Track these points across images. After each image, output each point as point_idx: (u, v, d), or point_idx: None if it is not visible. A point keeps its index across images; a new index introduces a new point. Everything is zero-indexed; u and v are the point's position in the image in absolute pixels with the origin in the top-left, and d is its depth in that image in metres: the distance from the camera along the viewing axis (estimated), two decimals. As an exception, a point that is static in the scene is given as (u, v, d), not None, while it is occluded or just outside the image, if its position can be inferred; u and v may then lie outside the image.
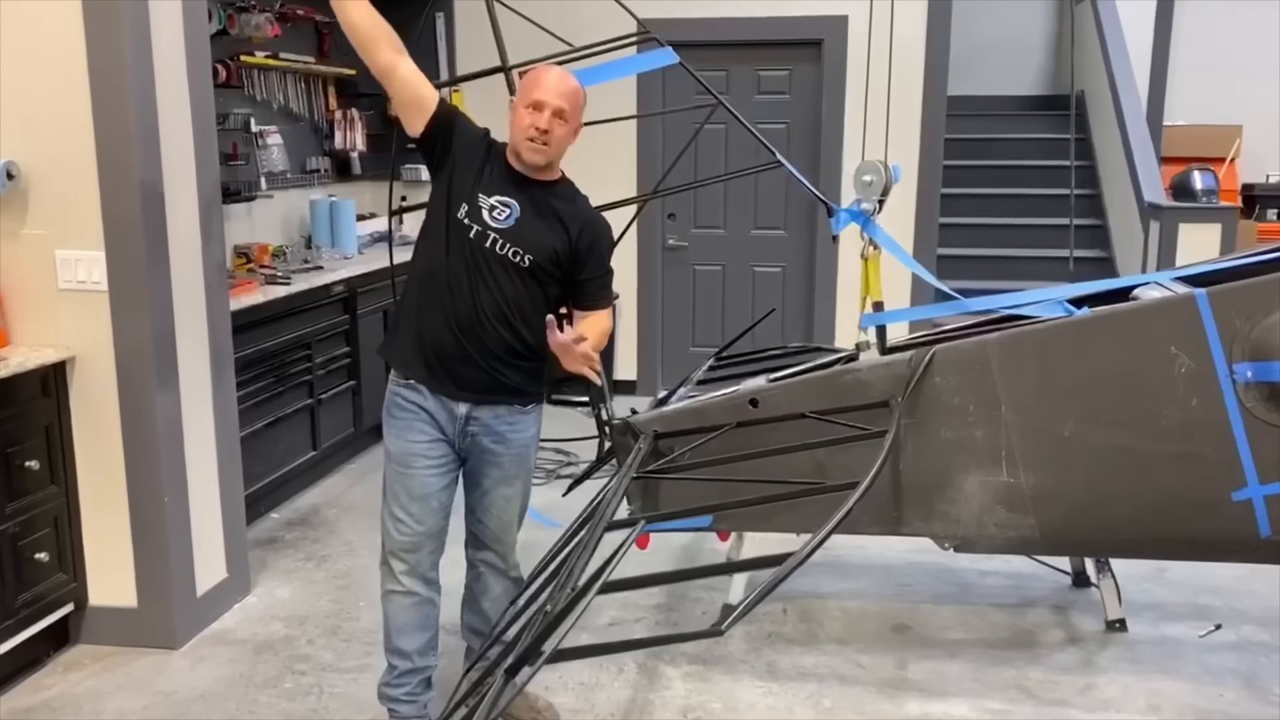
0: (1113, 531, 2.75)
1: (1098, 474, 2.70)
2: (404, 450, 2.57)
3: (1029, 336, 2.71)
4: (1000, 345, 2.71)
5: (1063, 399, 2.69)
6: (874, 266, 2.91)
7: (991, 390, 2.72)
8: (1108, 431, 2.67)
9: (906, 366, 2.76)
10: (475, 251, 2.49)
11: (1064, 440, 2.70)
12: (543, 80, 2.51)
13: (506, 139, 2.57)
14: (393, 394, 2.59)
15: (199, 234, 3.33)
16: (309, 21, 5.41)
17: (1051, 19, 8.82)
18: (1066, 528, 2.77)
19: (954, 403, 2.76)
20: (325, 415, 4.78)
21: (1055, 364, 2.68)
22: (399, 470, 2.58)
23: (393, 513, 2.60)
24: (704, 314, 6.40)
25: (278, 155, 5.14)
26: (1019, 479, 2.75)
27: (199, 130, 3.31)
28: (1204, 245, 5.65)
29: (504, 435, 2.62)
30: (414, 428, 2.56)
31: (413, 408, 2.56)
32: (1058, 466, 2.72)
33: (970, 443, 2.76)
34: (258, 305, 4.22)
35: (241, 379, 4.08)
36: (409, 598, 2.63)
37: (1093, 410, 2.67)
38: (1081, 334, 2.67)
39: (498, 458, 2.64)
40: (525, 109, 2.48)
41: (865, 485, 2.14)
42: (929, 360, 2.74)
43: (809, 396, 2.85)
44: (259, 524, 4.32)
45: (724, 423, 2.88)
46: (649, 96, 6.01)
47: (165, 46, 3.13)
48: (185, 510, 3.29)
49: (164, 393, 3.17)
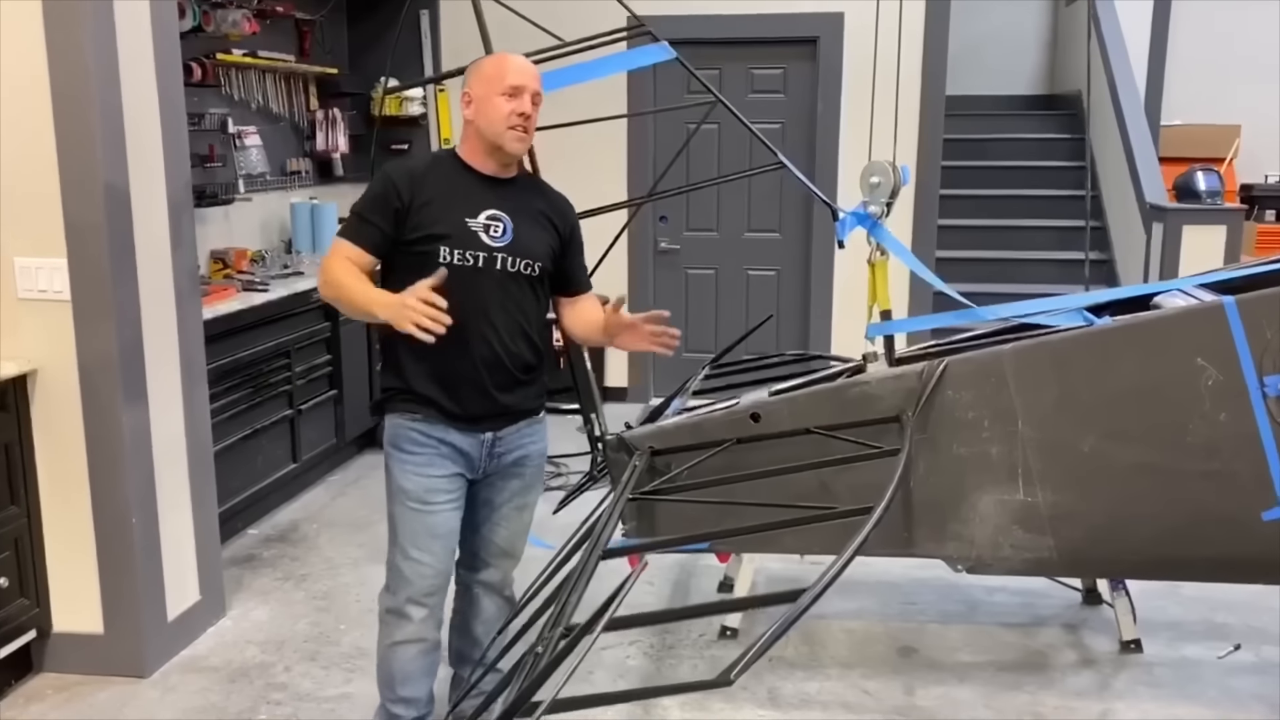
0: (1135, 553, 2.61)
1: (1119, 492, 2.55)
2: (424, 487, 2.39)
3: (1046, 347, 2.56)
4: (1016, 356, 2.56)
5: (1082, 413, 2.54)
6: (881, 273, 2.76)
7: (1007, 404, 2.57)
8: (1130, 448, 2.52)
9: (917, 379, 2.61)
10: (485, 280, 2.35)
11: (1084, 457, 2.56)
12: (512, 65, 2.36)
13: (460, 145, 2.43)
14: (405, 428, 2.40)
15: (168, 239, 3.15)
16: (288, 18, 5.25)
17: (1046, 17, 8.70)
18: (1086, 549, 2.63)
19: (967, 417, 2.61)
20: (306, 426, 4.60)
21: (1074, 376, 2.54)
22: (417, 509, 2.40)
23: (410, 555, 2.41)
24: (697, 319, 6.25)
25: (256, 157, 4.97)
26: (1036, 498, 2.60)
27: (168, 131, 3.14)
28: (1208, 248, 5.53)
29: (526, 447, 2.53)
30: (435, 463, 2.39)
31: (432, 442, 2.39)
32: (1077, 484, 2.58)
33: (985, 460, 2.61)
34: (234, 313, 4.04)
35: (217, 390, 3.91)
36: (420, 644, 2.46)
37: (1114, 425, 2.53)
38: (1102, 344, 2.52)
39: (521, 470, 2.54)
40: (502, 97, 2.32)
41: (879, 512, 1.99)
42: (941, 373, 2.58)
43: (814, 411, 2.70)
44: (236, 541, 4.14)
45: (724, 438, 2.72)
46: (640, 95, 5.86)
47: (131, 44, 2.96)
48: (154, 530, 3.12)
49: (131, 407, 2.99)
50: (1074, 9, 8.10)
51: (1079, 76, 7.84)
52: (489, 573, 2.62)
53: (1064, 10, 8.40)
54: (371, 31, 5.91)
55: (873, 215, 2.72)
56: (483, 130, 2.35)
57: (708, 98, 3.06)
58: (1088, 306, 2.79)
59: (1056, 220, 7.05)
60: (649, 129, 5.97)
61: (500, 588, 2.65)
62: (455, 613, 2.69)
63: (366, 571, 3.84)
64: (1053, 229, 6.99)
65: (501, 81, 2.33)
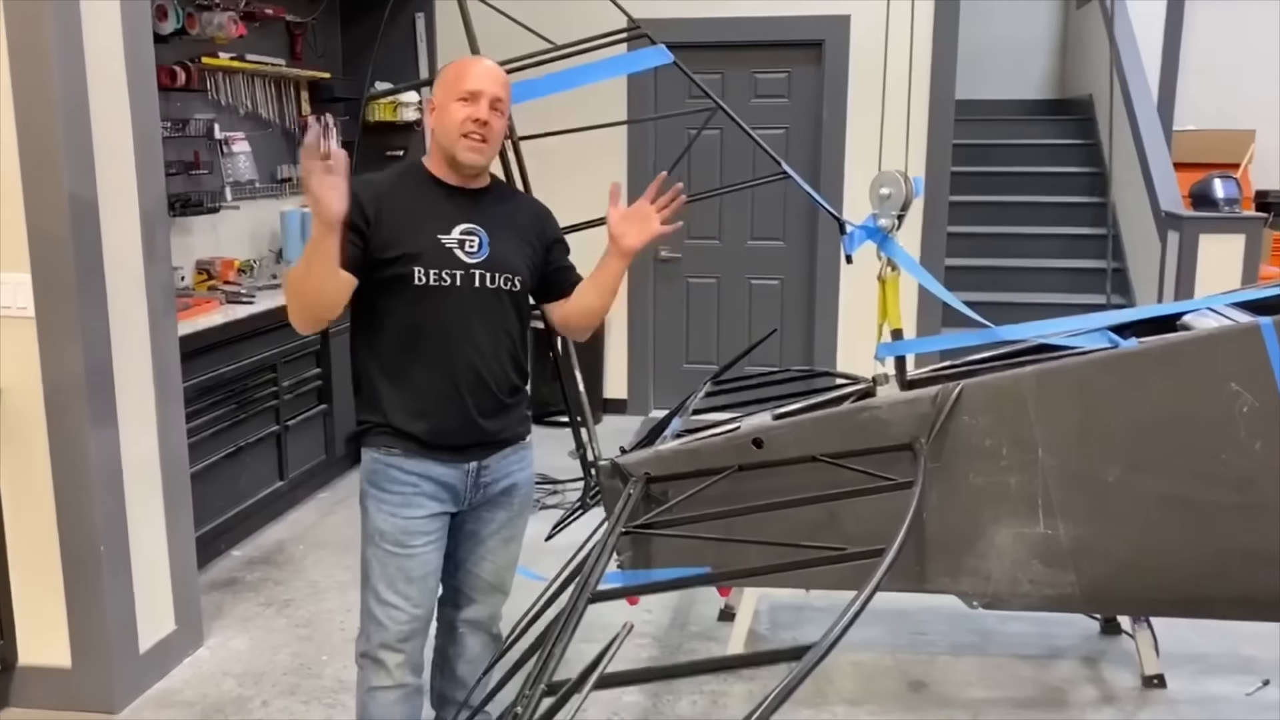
0: (1163, 590, 2.44)
1: (1147, 526, 2.38)
2: (401, 528, 2.23)
3: (1069, 371, 2.39)
4: (1037, 380, 2.39)
5: (1108, 441, 2.37)
6: (892, 290, 2.60)
7: (1027, 431, 2.41)
8: (1159, 478, 2.35)
9: (931, 404, 2.44)
10: (464, 298, 2.18)
11: (1109, 488, 2.38)
12: (470, 69, 2.19)
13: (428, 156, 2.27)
14: (383, 465, 2.23)
15: (141, 252, 3.00)
16: (278, 21, 5.10)
17: (1056, 21, 8.54)
18: (1111, 585, 2.46)
19: (984, 445, 2.44)
20: (293, 442, 4.45)
21: (1099, 402, 2.37)
22: (393, 551, 2.24)
23: (383, 599, 2.26)
24: (698, 329, 6.09)
25: (244, 164, 4.82)
26: (1057, 531, 2.43)
27: (141, 139, 2.99)
28: (1226, 257, 5.36)
29: (513, 475, 2.38)
30: (414, 502, 2.23)
31: (412, 479, 2.22)
32: (1101, 517, 2.41)
33: (1003, 490, 2.44)
34: (217, 326, 3.90)
35: (200, 406, 3.77)
36: (398, 690, 2.30)
37: (1142, 454, 2.35)
38: (1129, 368, 2.35)
39: (509, 500, 2.39)
40: (457, 103, 2.15)
41: (892, 555, 1.82)
42: (957, 397, 2.42)
43: (820, 436, 2.53)
44: (218, 562, 3.99)
45: (724, 466, 2.55)
46: (641, 100, 5.70)
47: (100, 47, 2.81)
48: (125, 558, 2.97)
49: (99, 429, 2.84)
50: (1084, 12, 7.94)
51: (1090, 80, 7.68)
52: (474, 609, 2.46)
53: (1074, 13, 8.24)
54: (365, 35, 5.76)
55: (883, 229, 2.56)
56: (440, 139, 2.20)
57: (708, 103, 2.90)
58: (1110, 326, 2.62)
59: (1067, 228, 6.89)
60: (649, 136, 5.82)
61: (487, 625, 2.49)
62: (437, 651, 2.53)
63: (352, 596, 3.65)
64: (1063, 236, 6.83)
65: (457, 86, 2.17)
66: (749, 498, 2.59)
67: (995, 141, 7.40)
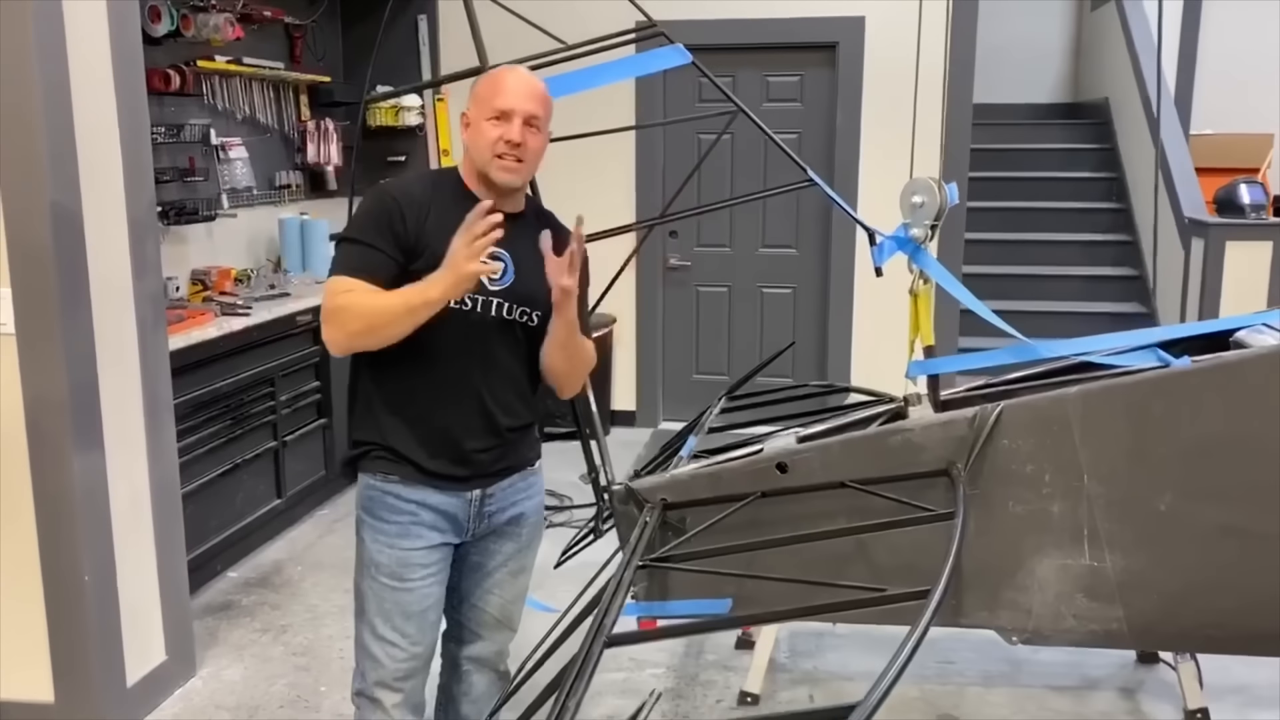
0: (1218, 626, 2.28)
1: (1201, 557, 2.22)
2: (399, 561, 2.08)
3: (1118, 391, 2.24)
4: (1083, 401, 2.24)
5: (1159, 467, 2.21)
6: (925, 304, 2.44)
7: (1072, 456, 2.25)
8: (1214, 507, 2.19)
9: (968, 427, 2.28)
10: (478, 326, 2.03)
11: (1160, 517, 2.23)
12: (505, 83, 2.03)
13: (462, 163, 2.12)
14: (379, 492, 2.08)
15: (129, 265, 2.86)
16: (277, 23, 4.96)
17: (1069, 24, 8.39)
18: (1161, 620, 2.30)
19: (1026, 471, 2.28)
20: (291, 459, 4.30)
21: (1150, 425, 2.21)
22: (390, 585, 2.09)
23: (380, 635, 2.11)
24: (708, 339, 5.93)
25: (242, 170, 4.67)
26: (1104, 562, 2.27)
27: (130, 145, 2.85)
28: (1253, 264, 5.20)
29: (521, 504, 2.23)
30: (412, 532, 2.08)
31: (410, 507, 2.07)
32: (1152, 548, 2.25)
33: (1045, 519, 2.28)
34: (212, 339, 3.75)
35: (194, 423, 3.63)
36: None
37: (1196, 481, 2.20)
38: (1182, 389, 2.19)
39: (516, 530, 2.24)
40: (489, 122, 2.00)
41: (938, 597, 1.67)
42: (996, 419, 2.26)
43: (849, 461, 2.37)
44: (213, 584, 3.84)
45: (746, 492, 2.40)
46: (649, 104, 5.55)
47: (86, 49, 2.67)
48: (112, 587, 2.82)
49: (84, 452, 2.69)
50: (1099, 14, 7.79)
51: (1105, 84, 7.53)
52: (480, 646, 2.30)
53: (1088, 16, 8.09)
54: (367, 37, 5.61)
55: (915, 239, 2.41)
56: (473, 155, 2.05)
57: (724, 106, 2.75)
58: (1157, 344, 2.46)
59: (1083, 234, 6.74)
60: (659, 140, 5.66)
61: (494, 663, 2.34)
62: (441, 690, 2.37)
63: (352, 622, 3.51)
64: (1079, 243, 6.68)
65: (488, 103, 2.01)
66: (773, 524, 2.44)
67: (1009, 146, 7.25)
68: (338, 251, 2.03)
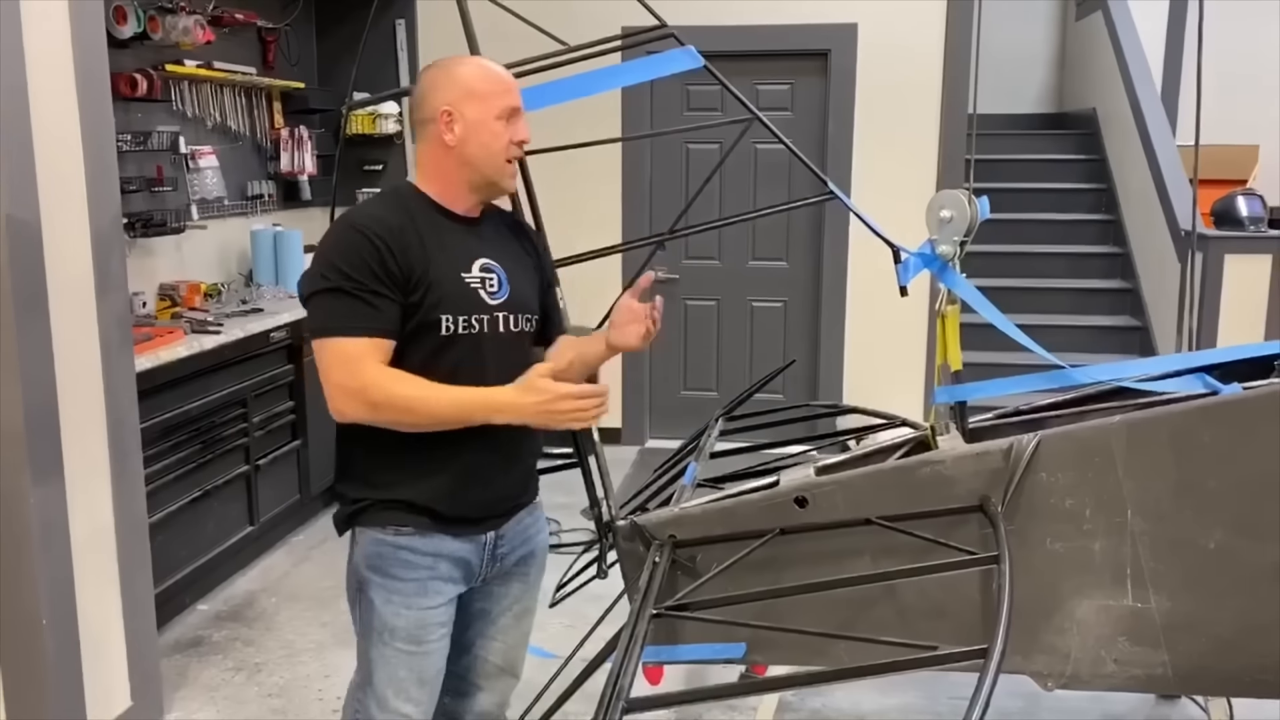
0: (1273, 672, 2.13)
1: (1253, 599, 2.08)
2: (417, 622, 1.88)
3: (1163, 421, 2.09)
4: (1127, 432, 2.08)
5: (1208, 502, 2.07)
6: (953, 325, 2.29)
7: (1115, 490, 2.10)
8: (1269, 545, 2.05)
9: (1003, 458, 2.13)
10: (488, 346, 1.87)
11: (1209, 555, 2.08)
12: (505, 79, 1.86)
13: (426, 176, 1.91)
14: (391, 548, 1.87)
15: (93, 282, 2.65)
16: (249, 27, 4.76)
17: (1053, 34, 8.32)
18: (1210, 665, 2.15)
19: (1065, 506, 2.13)
20: (265, 483, 4.09)
21: (1199, 457, 2.06)
22: (407, 651, 1.89)
23: (390, 707, 1.90)
24: (696, 354, 5.77)
25: (212, 179, 4.46)
26: (1149, 604, 2.12)
27: (93, 156, 2.65)
28: (1253, 278, 5.10)
29: (531, 541, 2.08)
30: (431, 588, 1.89)
31: (427, 560, 1.88)
32: (1200, 588, 2.10)
33: (1086, 557, 2.13)
34: (182, 359, 3.53)
35: (161, 448, 3.42)
36: None
37: (1248, 517, 2.05)
38: (1234, 418, 2.05)
39: (525, 571, 2.08)
40: (499, 121, 1.83)
41: (996, 659, 1.51)
42: (1033, 450, 2.11)
43: (874, 495, 2.21)
44: (182, 619, 3.62)
45: (763, 529, 2.23)
46: (636, 112, 5.39)
47: (45, 52, 2.47)
48: (72, 632, 2.60)
49: (42, 484, 2.48)
50: (1083, 25, 7.72)
51: (1092, 94, 7.45)
52: (481, 699, 2.12)
53: (1073, 26, 8.02)
54: (342, 43, 5.43)
55: (942, 256, 2.25)
56: (475, 161, 1.84)
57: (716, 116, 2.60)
58: (1194, 368, 2.32)
59: (1072, 246, 6.64)
60: (646, 152, 5.50)
61: (496, 716, 2.16)
62: (437, 750, 2.18)
63: (331, 659, 3.33)
64: (1068, 255, 6.58)
65: (497, 100, 1.83)
66: (791, 563, 2.28)
67: (994, 156, 7.14)
68: (330, 302, 1.75)
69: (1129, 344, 6.02)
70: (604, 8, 2.61)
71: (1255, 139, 7.72)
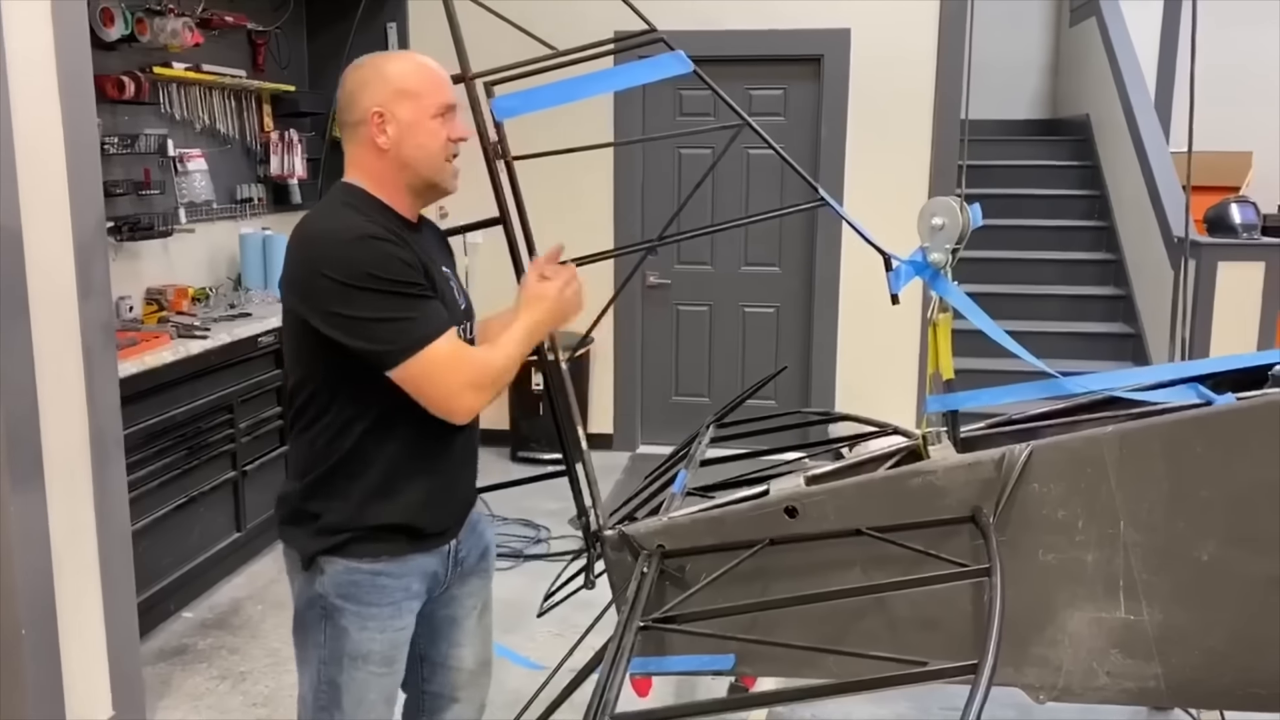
0: (1265, 685, 2.11)
1: (1248, 611, 2.06)
2: (392, 644, 1.84)
3: (1157, 431, 2.06)
4: (1120, 442, 2.06)
5: (1202, 513, 2.04)
6: (944, 334, 2.26)
7: (1107, 501, 2.07)
8: (1262, 557, 2.03)
9: (995, 469, 2.10)
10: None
11: (1203, 567, 2.06)
12: (438, 76, 1.81)
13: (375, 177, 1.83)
14: (366, 575, 1.80)
15: (75, 288, 2.62)
16: (239, 29, 4.72)
17: (1046, 40, 8.32)
18: (1203, 678, 2.13)
19: (1057, 517, 2.10)
20: (252, 489, 4.05)
21: (1193, 468, 2.04)
22: (380, 674, 1.85)
23: None
24: (688, 360, 5.74)
25: (201, 183, 4.43)
26: (1141, 616, 2.10)
27: (76, 159, 2.61)
28: (1246, 285, 5.09)
29: (483, 536, 2.05)
30: (404, 609, 1.85)
31: (404, 583, 1.84)
32: (1194, 601, 2.08)
33: (1078, 569, 2.11)
34: (168, 364, 3.50)
35: (146, 454, 3.39)
36: None
37: (1242, 528, 2.03)
38: (1228, 428, 2.02)
39: (484, 567, 2.06)
40: (435, 120, 1.77)
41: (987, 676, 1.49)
42: (1025, 461, 2.08)
43: (864, 505, 2.19)
44: (167, 626, 3.59)
45: (753, 539, 2.20)
46: (628, 116, 5.37)
47: (27, 51, 2.44)
48: (53, 641, 2.57)
49: (22, 493, 2.45)
50: (1077, 31, 7.72)
51: (1085, 100, 7.45)
52: (457, 710, 2.09)
53: (1066, 32, 8.02)
54: (334, 45, 5.39)
55: (934, 264, 2.23)
56: (414, 164, 1.78)
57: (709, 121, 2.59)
58: (1187, 378, 2.30)
59: (1065, 253, 6.63)
60: (638, 156, 5.48)
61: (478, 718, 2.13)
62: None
63: (317, 668, 3.28)
64: (1061, 261, 6.57)
65: (430, 98, 1.77)
66: (781, 573, 2.26)
67: (987, 162, 7.13)
68: (397, 311, 1.66)
69: (1122, 351, 6.01)
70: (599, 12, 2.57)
71: (1249, 146, 7.74)
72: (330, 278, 1.64)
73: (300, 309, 1.72)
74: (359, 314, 1.65)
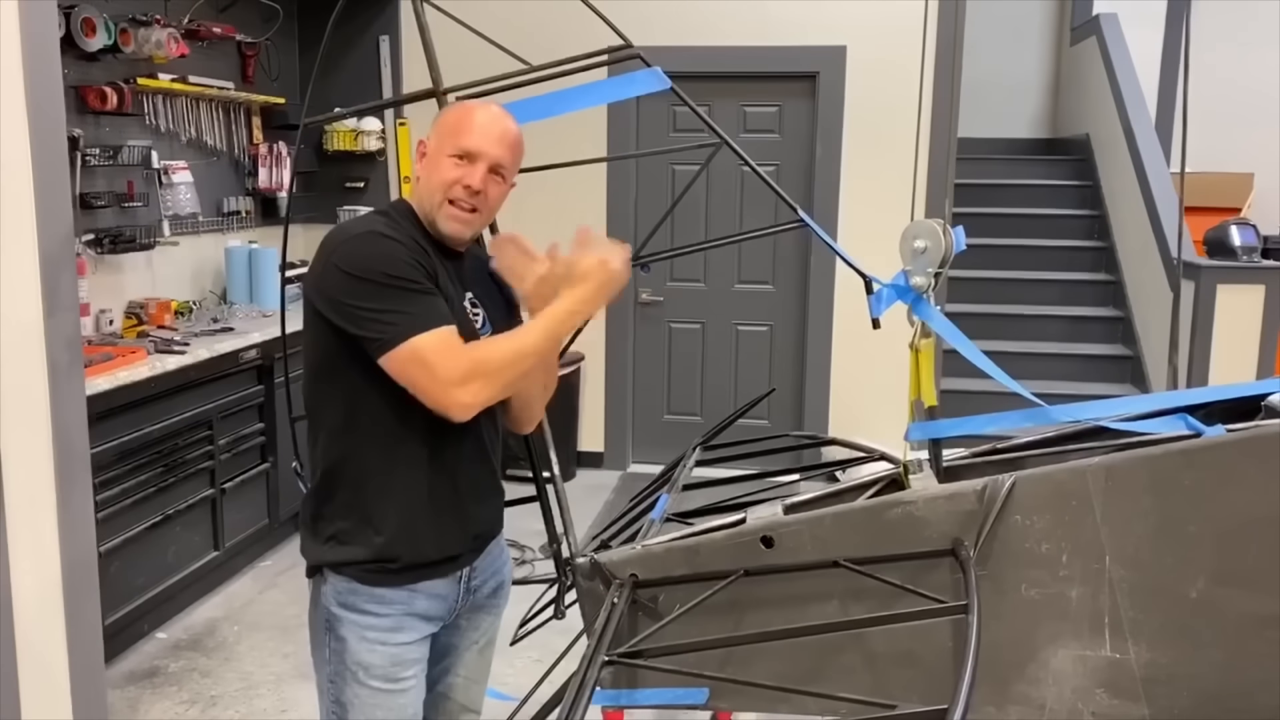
0: (1256, 727, 2.03)
1: (1237, 651, 1.98)
2: (392, 659, 1.80)
3: (1143, 463, 1.99)
4: (1106, 474, 1.99)
5: (1190, 549, 1.97)
6: (926, 360, 2.20)
7: (1093, 535, 2.00)
8: (1252, 595, 1.95)
9: (976, 500, 2.03)
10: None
11: (1191, 604, 1.98)
12: (475, 120, 1.77)
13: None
14: (365, 589, 1.79)
15: (40, 305, 2.55)
16: (228, 40, 4.69)
17: (1047, 59, 8.27)
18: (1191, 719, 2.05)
19: (1040, 550, 2.03)
20: (231, 507, 3.99)
21: (1180, 501, 1.97)
22: (384, 689, 1.80)
23: None
24: (680, 378, 5.68)
25: (186, 195, 4.39)
26: (1128, 655, 2.03)
27: (44, 172, 2.55)
28: (1246, 308, 5.02)
29: (501, 571, 2.03)
30: (405, 624, 1.81)
31: (403, 596, 1.81)
32: (1181, 640, 2.00)
33: (1062, 605, 2.04)
34: (143, 380, 3.44)
35: (118, 472, 3.33)
36: None
37: (1232, 565, 1.96)
38: (1217, 461, 1.95)
39: (495, 603, 2.03)
40: (450, 159, 1.74)
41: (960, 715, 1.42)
42: (1008, 492, 2.02)
43: (842, 536, 2.11)
44: (139, 647, 3.52)
45: (727, 569, 2.13)
46: (621, 133, 5.32)
47: (-8, 58, 2.39)
48: (10, 668, 2.49)
49: (-20, 514, 2.38)
50: (1077, 50, 7.68)
51: (1085, 120, 7.40)
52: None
53: (1067, 52, 7.98)
54: (326, 57, 5.34)
55: (916, 288, 2.16)
56: (419, 194, 1.80)
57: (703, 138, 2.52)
58: (1178, 409, 2.23)
59: (1065, 273, 6.57)
60: (631, 172, 5.43)
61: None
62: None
63: (290, 693, 3.22)
64: (1061, 282, 6.50)
65: (455, 139, 1.75)
66: (757, 604, 2.18)
67: (987, 181, 7.08)
68: (399, 304, 1.66)
69: (1120, 373, 5.94)
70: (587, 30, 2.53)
71: (1250, 167, 7.68)
72: (339, 268, 1.69)
73: (315, 300, 1.74)
74: (360, 304, 1.67)
